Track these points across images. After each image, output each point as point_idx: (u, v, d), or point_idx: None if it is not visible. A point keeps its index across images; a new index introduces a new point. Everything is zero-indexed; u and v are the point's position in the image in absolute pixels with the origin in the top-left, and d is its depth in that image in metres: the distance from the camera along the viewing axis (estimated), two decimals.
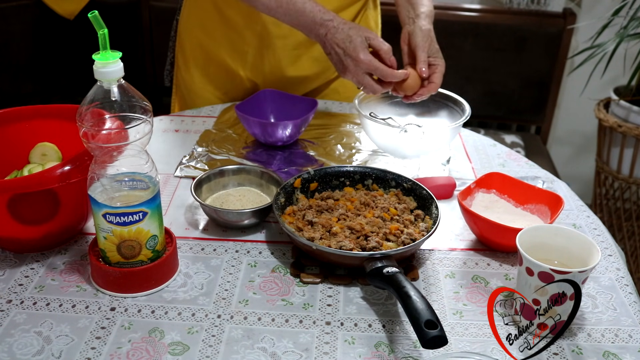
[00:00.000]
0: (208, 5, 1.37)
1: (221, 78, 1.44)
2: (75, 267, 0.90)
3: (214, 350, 0.77)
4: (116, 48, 0.77)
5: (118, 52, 0.76)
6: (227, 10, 1.35)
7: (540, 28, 2.21)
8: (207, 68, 1.44)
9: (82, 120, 0.76)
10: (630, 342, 0.80)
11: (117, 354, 0.76)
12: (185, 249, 0.95)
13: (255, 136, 1.23)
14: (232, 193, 1.05)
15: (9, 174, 0.99)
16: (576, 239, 0.83)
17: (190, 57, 1.45)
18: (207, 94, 1.46)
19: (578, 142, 2.60)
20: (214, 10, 1.37)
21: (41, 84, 2.47)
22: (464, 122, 1.13)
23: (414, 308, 0.74)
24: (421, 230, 0.93)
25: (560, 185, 1.15)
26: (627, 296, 0.88)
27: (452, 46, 2.22)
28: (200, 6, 1.40)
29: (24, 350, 0.76)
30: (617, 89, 2.17)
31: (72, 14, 2.30)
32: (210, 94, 1.45)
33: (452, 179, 1.10)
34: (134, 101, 0.77)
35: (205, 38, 1.41)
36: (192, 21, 1.43)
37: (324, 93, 1.48)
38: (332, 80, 1.47)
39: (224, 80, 1.44)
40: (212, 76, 1.44)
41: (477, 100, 2.14)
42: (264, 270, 0.91)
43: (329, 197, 1.02)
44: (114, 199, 0.80)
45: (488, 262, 0.94)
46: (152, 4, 2.36)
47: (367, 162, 1.20)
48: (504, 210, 1.00)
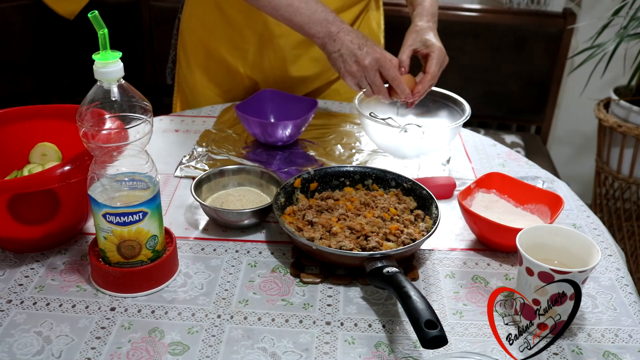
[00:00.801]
0: (209, 3, 1.38)
1: (222, 76, 1.44)
2: (75, 267, 0.90)
3: (214, 350, 0.77)
4: (116, 48, 0.77)
5: (118, 52, 0.76)
6: (228, 8, 1.35)
7: (540, 28, 2.21)
8: (208, 66, 1.44)
9: (82, 120, 0.76)
10: (630, 342, 0.80)
11: (117, 354, 0.76)
12: (185, 249, 0.95)
13: (255, 136, 1.23)
14: (232, 193, 1.05)
15: (9, 174, 0.99)
16: (576, 239, 0.83)
17: (191, 55, 1.45)
18: (208, 92, 1.46)
19: (578, 142, 2.60)
20: (215, 9, 1.37)
21: (41, 84, 2.47)
22: (464, 122, 1.13)
23: (414, 308, 0.74)
24: (421, 230, 0.93)
25: (560, 185, 1.15)
26: (627, 296, 0.88)
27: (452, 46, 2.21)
28: (201, 4, 1.40)
29: (24, 350, 0.76)
30: (617, 89, 2.17)
31: (72, 14, 2.30)
32: (211, 91, 1.46)
33: (452, 179, 1.10)
34: (134, 101, 0.77)
35: (207, 36, 1.41)
36: (193, 19, 1.43)
37: (325, 93, 1.48)
38: (333, 81, 1.47)
39: (225, 78, 1.44)
40: (213, 74, 1.44)
41: (477, 100, 2.14)
42: (264, 270, 0.91)
43: (329, 197, 1.02)
44: (114, 199, 0.80)
45: (488, 262, 0.94)
46: (152, 4, 2.37)
47: (367, 162, 1.20)
48: (504, 210, 1.00)
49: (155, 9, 2.37)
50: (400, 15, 2.13)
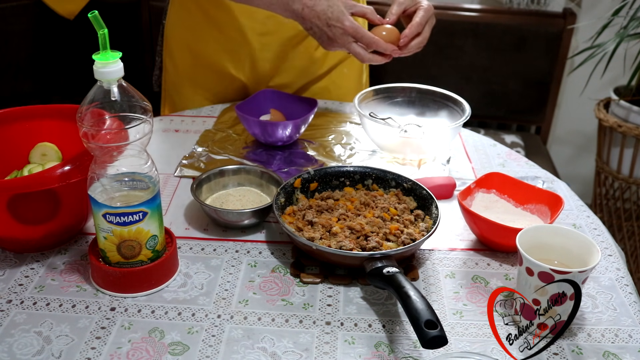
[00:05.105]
0: (192, 6, 1.37)
1: (210, 80, 1.43)
2: (75, 267, 0.90)
3: (214, 350, 0.77)
4: (116, 48, 0.77)
5: (118, 52, 0.76)
6: (211, 9, 1.35)
7: (540, 28, 2.21)
8: (196, 70, 1.43)
9: (82, 120, 0.76)
10: (630, 342, 0.80)
11: (117, 354, 0.76)
12: (185, 249, 0.95)
13: (255, 136, 1.23)
14: (232, 193, 1.05)
15: (9, 174, 0.99)
16: (576, 239, 0.83)
17: (178, 60, 1.45)
18: (196, 97, 1.45)
19: (578, 142, 2.60)
20: (199, 11, 1.36)
21: (41, 84, 2.47)
22: (464, 122, 1.13)
23: (414, 308, 0.74)
24: (421, 230, 0.93)
25: (560, 185, 1.15)
26: (627, 296, 0.88)
27: (452, 46, 2.22)
28: (185, 8, 1.39)
29: (24, 350, 0.76)
30: (617, 89, 2.17)
31: (72, 14, 2.30)
32: (199, 96, 1.45)
33: (452, 179, 1.10)
34: (134, 101, 0.77)
35: (192, 40, 1.40)
36: (178, 24, 1.42)
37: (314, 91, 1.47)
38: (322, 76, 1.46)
39: (213, 81, 1.43)
40: (201, 78, 1.43)
41: (477, 100, 2.14)
42: (264, 270, 0.91)
43: (329, 197, 1.02)
44: (114, 199, 0.80)
45: (488, 262, 0.94)
46: (152, 4, 2.36)
47: (367, 162, 1.20)
48: (504, 210, 1.00)
49: (155, 9, 2.37)
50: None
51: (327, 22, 1.09)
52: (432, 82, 1.34)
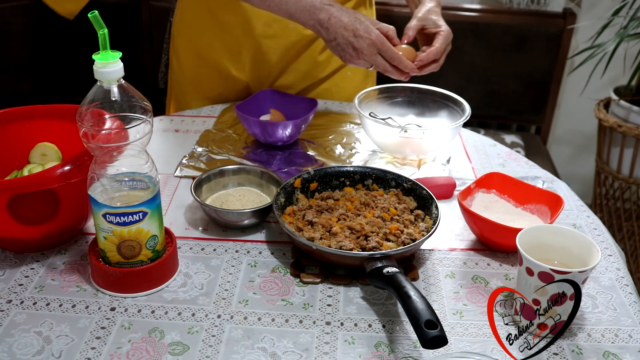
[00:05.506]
0: (200, 6, 1.37)
1: (214, 80, 1.43)
2: (75, 267, 0.90)
3: (214, 350, 0.77)
4: (116, 48, 0.76)
5: (118, 52, 0.76)
6: (219, 11, 1.35)
7: (540, 28, 2.21)
8: (200, 70, 1.43)
9: (82, 120, 0.76)
10: (630, 342, 0.80)
11: (117, 354, 0.76)
12: (185, 249, 0.95)
13: (255, 136, 1.23)
14: (232, 193, 1.05)
15: (9, 174, 0.99)
16: (576, 239, 0.83)
17: (183, 59, 1.45)
18: (200, 96, 1.46)
19: (578, 142, 2.60)
20: (206, 11, 1.37)
21: (41, 84, 2.47)
22: (464, 122, 1.13)
23: (414, 308, 0.74)
24: (421, 230, 0.93)
25: (560, 185, 1.15)
26: (627, 296, 0.88)
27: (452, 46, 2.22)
28: (192, 8, 1.39)
29: (24, 350, 0.76)
30: (617, 89, 2.17)
31: (72, 14, 2.30)
32: (203, 95, 1.45)
33: (452, 179, 1.10)
34: (134, 101, 0.77)
35: (198, 40, 1.41)
36: (185, 23, 1.43)
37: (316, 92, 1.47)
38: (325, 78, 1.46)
39: (217, 82, 1.43)
40: (205, 78, 1.44)
41: (477, 100, 2.14)
42: (264, 270, 0.91)
43: (329, 197, 1.02)
44: (114, 199, 0.80)
45: (488, 262, 0.94)
46: (152, 4, 2.36)
47: (367, 162, 1.20)
48: (504, 210, 1.00)
49: (155, 9, 2.37)
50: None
51: (354, 33, 1.09)
52: (432, 82, 1.34)
